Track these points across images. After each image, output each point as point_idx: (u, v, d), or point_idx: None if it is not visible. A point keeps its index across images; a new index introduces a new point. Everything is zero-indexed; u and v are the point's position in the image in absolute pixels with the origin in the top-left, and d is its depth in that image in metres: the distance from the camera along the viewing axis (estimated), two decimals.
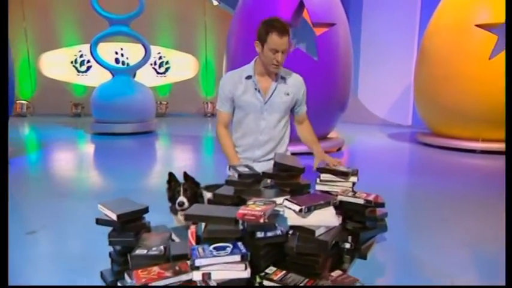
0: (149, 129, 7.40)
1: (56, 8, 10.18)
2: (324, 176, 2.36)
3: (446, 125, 5.75)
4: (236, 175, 1.96)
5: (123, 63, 10.44)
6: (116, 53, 10.49)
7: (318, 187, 2.34)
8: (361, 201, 2.12)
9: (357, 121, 8.85)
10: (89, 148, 6.61)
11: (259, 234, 1.57)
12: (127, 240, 1.77)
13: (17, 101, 10.46)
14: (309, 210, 1.61)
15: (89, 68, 10.54)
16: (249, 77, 2.46)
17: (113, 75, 7.29)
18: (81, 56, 10.50)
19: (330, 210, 1.70)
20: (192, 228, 1.61)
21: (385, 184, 3.95)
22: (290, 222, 1.65)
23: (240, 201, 1.88)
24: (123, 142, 6.66)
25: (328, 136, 5.79)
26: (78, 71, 10.70)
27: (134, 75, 10.48)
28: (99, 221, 1.80)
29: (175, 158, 5.97)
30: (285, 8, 4.84)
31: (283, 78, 2.53)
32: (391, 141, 6.87)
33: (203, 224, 1.66)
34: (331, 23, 4.97)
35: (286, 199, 1.68)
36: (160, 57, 10.79)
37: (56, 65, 10.63)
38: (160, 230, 1.97)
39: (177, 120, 10.29)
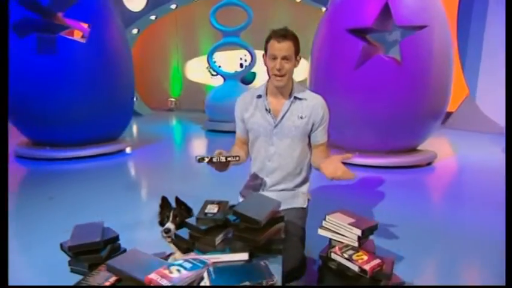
0: None
1: (198, 26, 10.87)
2: (328, 220, 1.71)
3: None
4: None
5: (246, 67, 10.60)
6: (241, 58, 10.69)
7: (320, 232, 1.72)
8: (356, 268, 1.43)
9: (471, 128, 7.02)
10: (198, 142, 6.83)
11: None
12: (82, 271, 1.53)
13: (168, 99, 11.73)
14: None
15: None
16: (259, 96, 1.95)
17: (224, 80, 7.35)
18: (214, 62, 11.01)
19: None
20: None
21: (463, 223, 2.82)
22: None
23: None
24: (227, 140, 6.64)
25: (418, 148, 4.63)
26: (211, 75, 11.30)
27: (253, 78, 10.58)
28: (62, 247, 1.60)
29: None
30: (369, 10, 3.95)
31: (299, 99, 1.92)
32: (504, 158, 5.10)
33: None
34: (421, 26, 3.85)
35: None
36: None
37: (196, 70, 11.45)
38: None
39: None
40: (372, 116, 4.09)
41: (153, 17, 9.76)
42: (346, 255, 1.49)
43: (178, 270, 1.19)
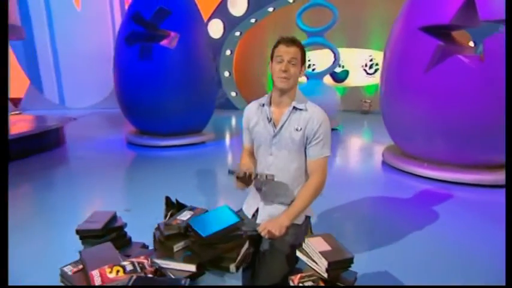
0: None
1: (294, 26, 10.74)
2: (306, 243, 1.53)
3: None
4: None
5: (339, 65, 10.09)
6: (309, 60, 10.30)
7: (298, 254, 1.56)
8: None
9: None
10: None
11: None
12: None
13: (265, 94, 12.01)
14: None
15: (314, 69, 10.73)
16: (261, 105, 1.85)
17: (307, 79, 7.14)
18: (309, 60, 10.80)
19: None
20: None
21: None
22: None
23: None
24: None
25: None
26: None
27: (346, 76, 10.00)
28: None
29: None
30: (448, 4, 3.26)
31: (299, 110, 1.75)
32: None
33: None
34: None
35: None
36: (371, 60, 9.70)
37: None
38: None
39: (377, 118, 9.08)
40: (445, 123, 3.41)
41: (253, 20, 10.09)
42: (301, 286, 1.31)
43: (118, 271, 1.24)
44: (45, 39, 9.82)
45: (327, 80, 10.18)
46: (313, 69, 10.37)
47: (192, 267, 1.33)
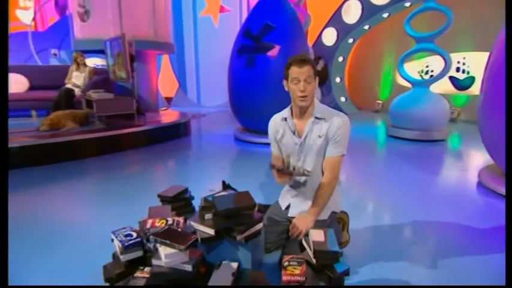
0: (433, 138, 6.11)
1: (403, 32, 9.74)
2: (310, 233, 1.69)
3: None
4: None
5: (463, 71, 8.67)
6: (427, 66, 8.88)
7: (303, 242, 1.73)
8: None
9: None
10: (376, 148, 6.48)
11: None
12: None
13: (376, 101, 11.29)
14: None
15: (431, 76, 9.50)
16: (284, 119, 2.04)
17: (413, 87, 6.47)
18: (427, 66, 9.63)
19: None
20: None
21: None
22: None
23: None
24: (408, 148, 5.92)
25: None
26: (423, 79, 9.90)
27: (471, 84, 8.54)
28: None
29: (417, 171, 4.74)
30: None
31: (320, 119, 1.90)
32: None
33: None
34: None
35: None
36: None
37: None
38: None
39: None
40: None
41: (366, 27, 9.65)
42: (286, 264, 1.49)
43: (162, 223, 1.70)
44: (191, 51, 11.85)
45: (447, 87, 8.93)
46: (431, 76, 9.19)
47: (212, 231, 1.68)
